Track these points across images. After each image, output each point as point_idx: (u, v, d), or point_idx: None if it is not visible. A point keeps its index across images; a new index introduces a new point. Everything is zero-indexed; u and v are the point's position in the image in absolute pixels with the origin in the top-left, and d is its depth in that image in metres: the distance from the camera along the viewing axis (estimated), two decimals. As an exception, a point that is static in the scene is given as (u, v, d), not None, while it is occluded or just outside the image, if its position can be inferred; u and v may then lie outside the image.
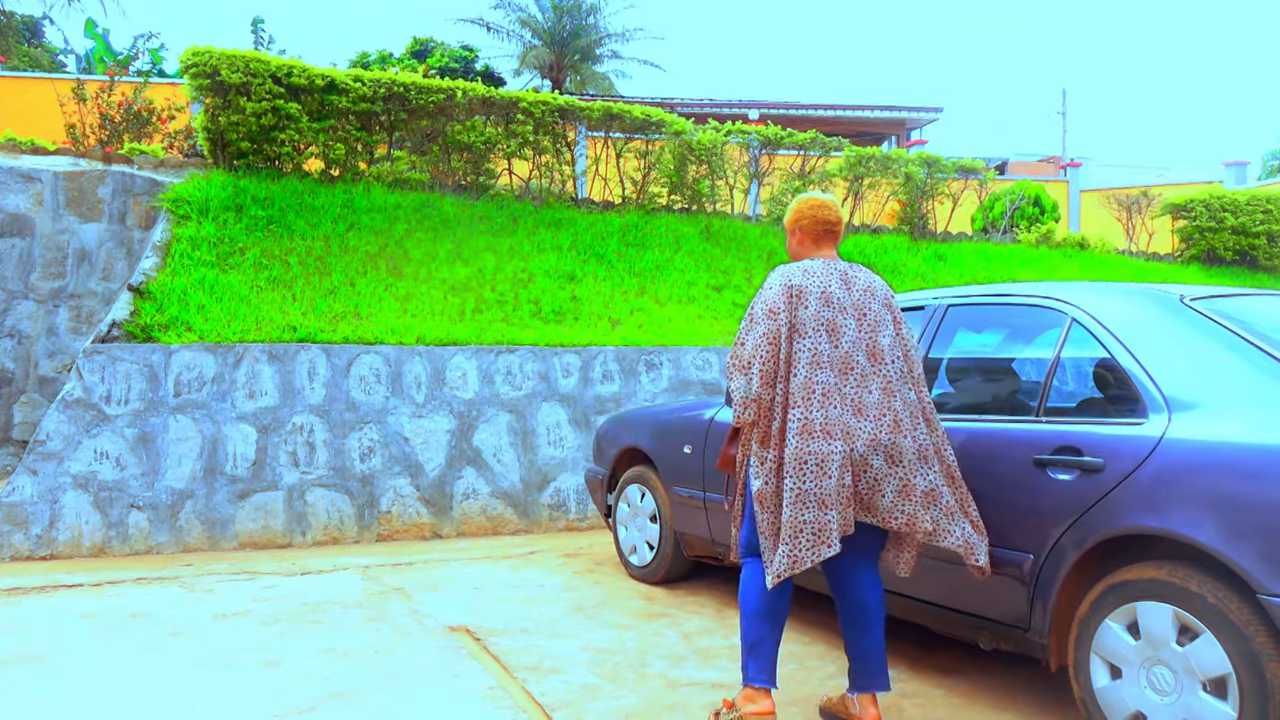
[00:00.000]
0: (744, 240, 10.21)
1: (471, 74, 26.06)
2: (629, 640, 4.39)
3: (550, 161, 10.25)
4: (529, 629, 4.55)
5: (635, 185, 10.66)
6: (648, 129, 10.58)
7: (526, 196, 10.03)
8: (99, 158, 8.74)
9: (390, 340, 6.98)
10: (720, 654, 4.19)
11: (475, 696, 3.68)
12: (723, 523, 4.80)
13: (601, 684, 3.82)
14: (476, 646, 4.30)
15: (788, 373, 3.09)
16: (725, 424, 4.87)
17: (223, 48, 8.76)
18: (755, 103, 20.72)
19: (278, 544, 6.37)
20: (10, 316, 7.71)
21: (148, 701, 3.60)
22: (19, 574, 5.50)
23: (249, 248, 7.74)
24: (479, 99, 9.63)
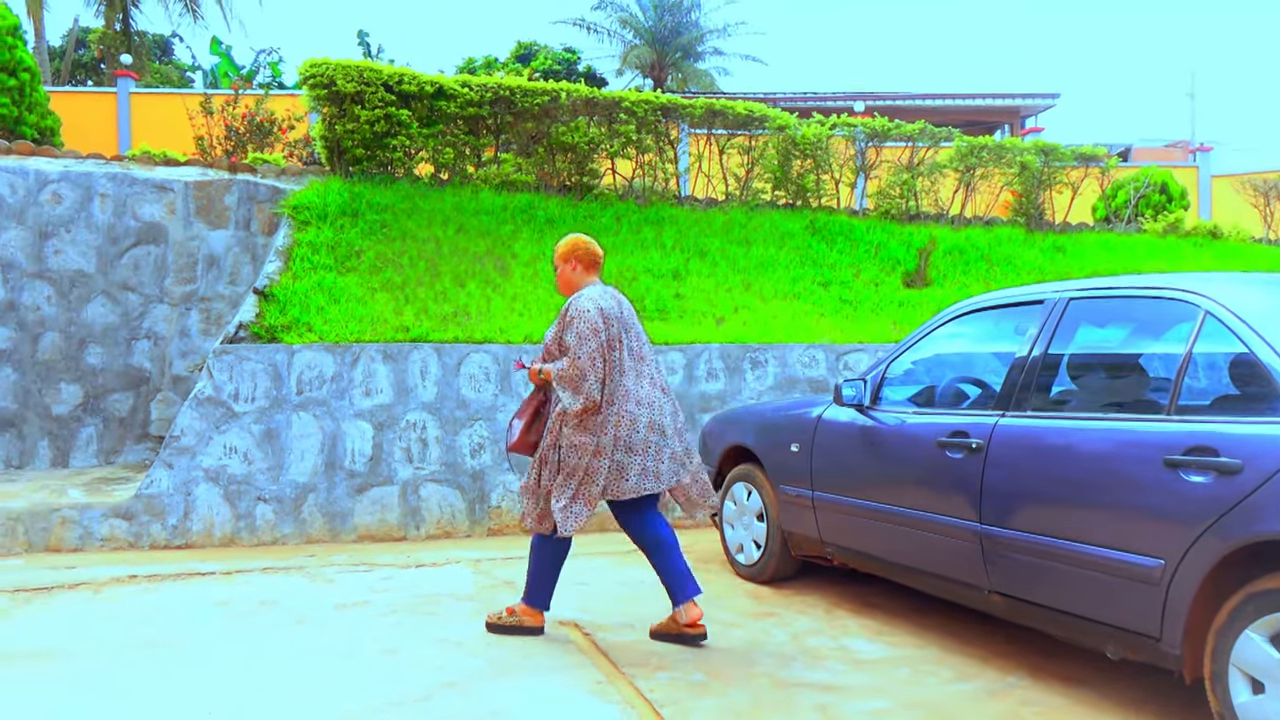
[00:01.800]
0: (851, 235, 10.05)
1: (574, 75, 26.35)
2: (736, 638, 4.37)
3: (653, 160, 10.28)
4: (635, 625, 4.58)
5: (739, 181, 10.61)
6: (750, 125, 10.51)
7: (630, 195, 10.08)
8: (225, 168, 9.15)
9: (498, 339, 7.11)
10: (830, 655, 4.14)
11: (584, 691, 3.72)
12: (833, 522, 4.73)
13: (708, 682, 3.81)
14: (585, 641, 4.34)
15: (610, 375, 4.01)
16: (834, 422, 4.81)
17: (338, 59, 9.07)
18: (860, 94, 20.35)
19: (393, 537, 6.57)
20: (147, 319, 8.15)
21: (276, 685, 3.75)
22: (158, 562, 5.82)
23: (364, 251, 8.00)
24: (582, 100, 9.72)
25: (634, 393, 4.07)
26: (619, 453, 4.03)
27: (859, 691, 3.71)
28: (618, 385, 4.04)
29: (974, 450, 3.84)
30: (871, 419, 4.57)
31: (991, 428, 3.81)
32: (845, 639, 4.36)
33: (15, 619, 4.64)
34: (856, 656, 4.13)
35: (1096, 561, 3.28)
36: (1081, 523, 3.37)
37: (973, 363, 4.52)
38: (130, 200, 8.23)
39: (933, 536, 4.06)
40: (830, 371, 7.64)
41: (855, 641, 4.33)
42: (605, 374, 3.99)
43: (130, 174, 8.38)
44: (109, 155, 8.94)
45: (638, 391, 4.09)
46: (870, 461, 4.52)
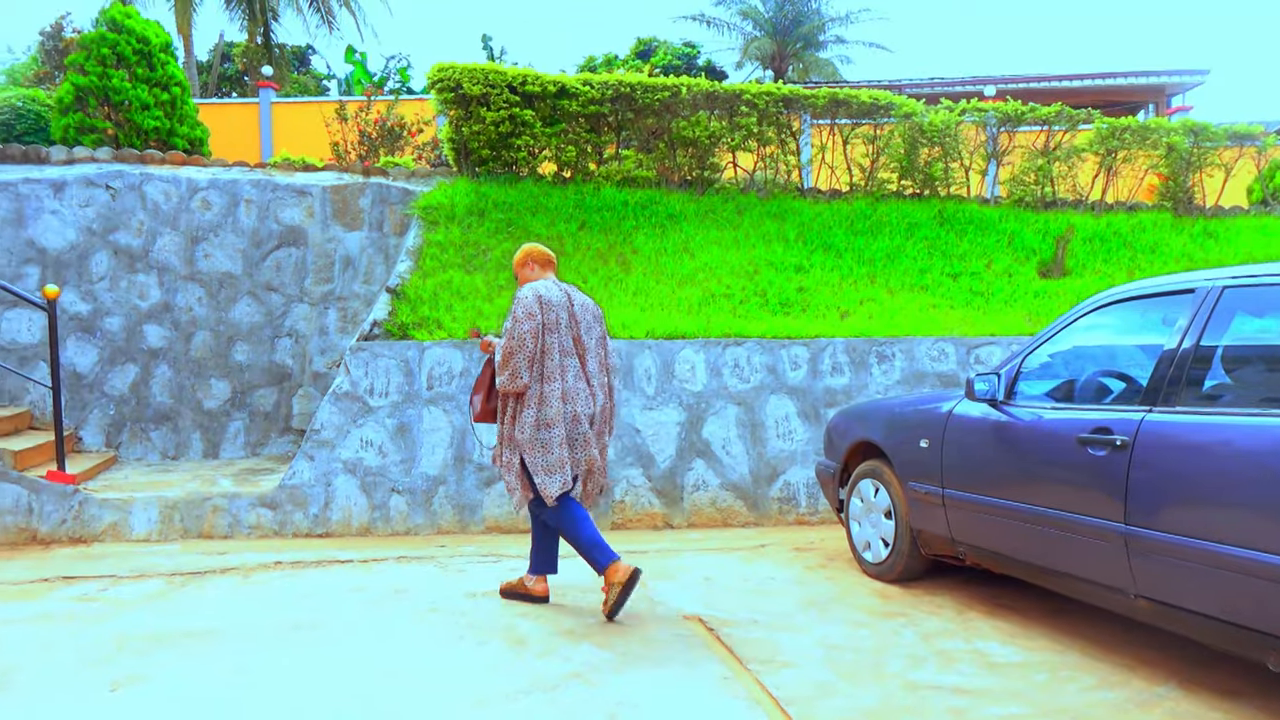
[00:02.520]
0: (981, 224, 9.71)
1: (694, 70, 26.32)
2: (864, 638, 4.29)
3: (775, 152, 10.17)
4: (760, 621, 4.54)
5: (863, 172, 10.39)
6: (875, 113, 10.28)
7: (751, 189, 10.00)
8: (359, 171, 9.51)
9: (621, 334, 7.16)
10: (962, 657, 4.01)
11: (710, 686, 3.71)
12: (965, 520, 4.59)
13: (836, 681, 3.75)
14: (709, 636, 4.34)
15: (543, 356, 4.41)
16: (966, 417, 4.66)
17: (464, 62, 9.30)
18: (990, 78, 19.63)
19: (520, 529, 6.70)
20: (289, 318, 8.55)
21: (409, 670, 3.88)
22: (300, 549, 6.10)
23: (491, 249, 8.18)
24: (703, 94, 9.70)
25: (561, 382, 4.45)
26: (561, 430, 4.42)
27: (994, 696, 3.58)
28: (549, 368, 4.42)
29: (1118, 447, 3.66)
30: (1006, 414, 4.40)
31: (1137, 424, 3.62)
32: (978, 641, 4.23)
33: (174, 601, 4.93)
34: (991, 660, 3.99)
35: (1255, 566, 3.08)
36: (1238, 524, 3.16)
37: (1116, 356, 4.30)
38: (272, 205, 8.65)
39: (1073, 537, 3.89)
40: (960, 366, 7.41)
41: (989, 644, 4.19)
42: (536, 355, 4.39)
43: (272, 180, 8.80)
44: (253, 163, 9.41)
45: (564, 381, 4.47)
46: (1005, 458, 4.36)
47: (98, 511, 6.35)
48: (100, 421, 8.02)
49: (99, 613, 4.71)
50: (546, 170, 9.82)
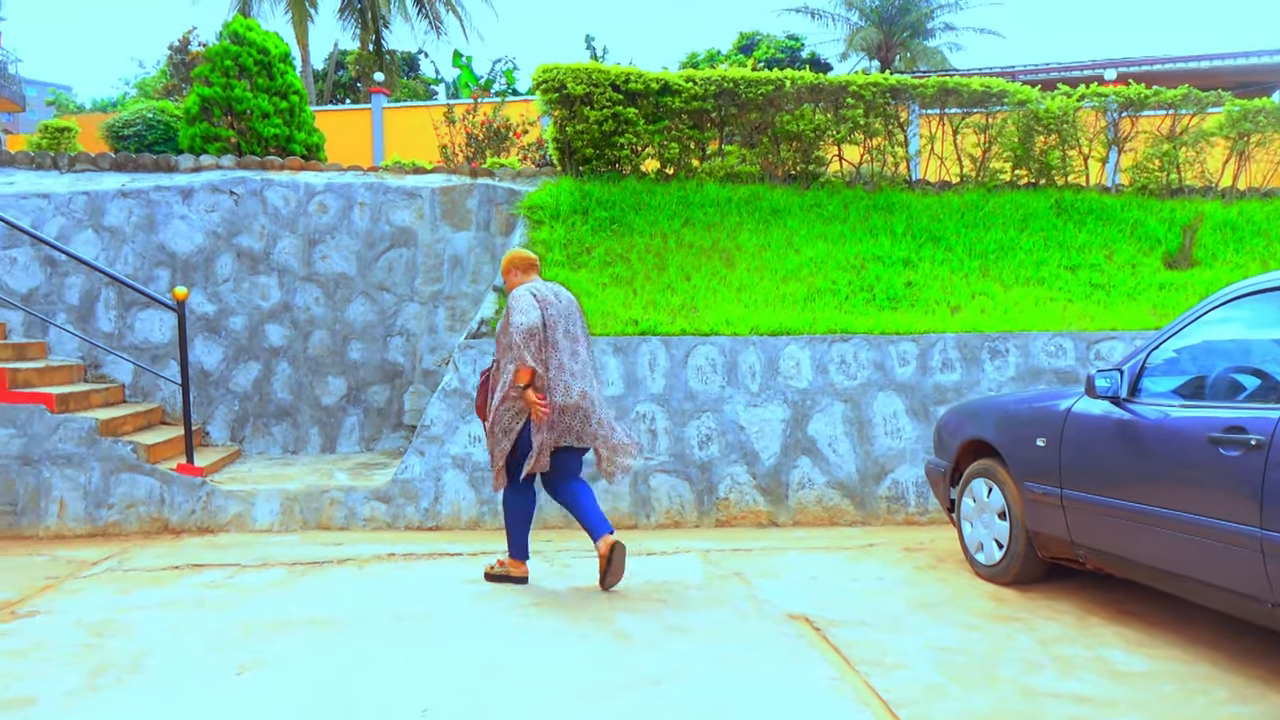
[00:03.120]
0: (1102, 213, 9.32)
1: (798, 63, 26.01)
2: (977, 641, 4.17)
3: (882, 144, 9.96)
4: (869, 622, 4.46)
5: (974, 162, 10.09)
6: (987, 101, 9.96)
7: (858, 182, 9.83)
8: (466, 173, 9.71)
9: (725, 331, 7.12)
10: (1083, 665, 3.86)
11: (816, 686, 3.66)
12: (1085, 522, 4.41)
13: (947, 684, 3.65)
14: (816, 636, 4.28)
15: (547, 347, 4.78)
16: (1086, 415, 4.48)
17: (567, 63, 9.40)
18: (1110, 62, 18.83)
19: (624, 525, 6.74)
20: (400, 317, 8.79)
21: (515, 662, 3.95)
22: (412, 541, 6.26)
23: (595, 247, 8.25)
24: (807, 87, 9.57)
25: (569, 365, 4.85)
26: (562, 414, 4.83)
27: (1118, 706, 3.43)
28: (552, 356, 4.81)
29: (1253, 447, 3.46)
30: (1129, 412, 4.21)
31: (1275, 423, 3.42)
32: (1100, 648, 4.06)
33: (294, 589, 5.13)
34: (1114, 668, 3.83)
35: None
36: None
37: (1251, 351, 4.06)
38: (384, 207, 8.90)
39: (1204, 542, 3.69)
40: (1079, 362, 7.13)
41: (1112, 652, 4.02)
42: (541, 345, 4.76)
43: (384, 183, 9.06)
44: (366, 166, 9.70)
45: (572, 364, 4.87)
46: (1128, 458, 4.17)
47: (224, 503, 6.65)
48: (225, 417, 8.39)
49: (225, 599, 4.92)
50: (649, 168, 9.84)
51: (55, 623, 4.51)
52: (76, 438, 6.59)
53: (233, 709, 3.50)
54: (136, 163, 9.40)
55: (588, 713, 3.44)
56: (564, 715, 3.42)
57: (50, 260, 8.23)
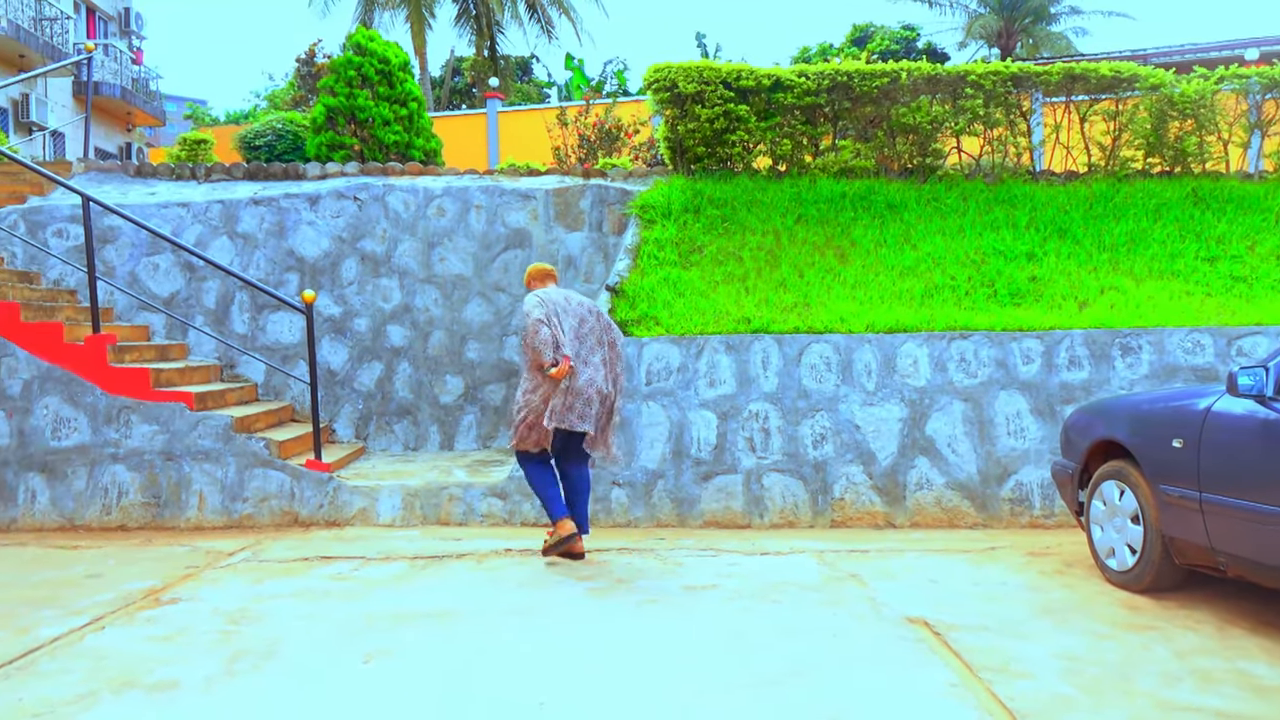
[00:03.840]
0: (1243, 202, 8.80)
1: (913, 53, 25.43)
2: (1108, 651, 3.99)
3: (1003, 135, 9.64)
4: (991, 627, 4.32)
5: (1103, 151, 9.66)
6: (1117, 87, 9.53)
7: (977, 174, 9.54)
8: (579, 174, 9.82)
9: (840, 329, 7.01)
10: (1224, 678, 3.65)
11: (936, 692, 3.57)
12: (1227, 528, 4.17)
13: (1077, 695, 3.51)
14: (935, 640, 4.17)
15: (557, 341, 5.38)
16: (1228, 414, 4.25)
17: (678, 61, 9.41)
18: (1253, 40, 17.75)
19: (737, 524, 6.71)
20: (515, 317, 8.96)
21: (630, 658, 3.97)
22: (528, 538, 6.36)
23: (706, 245, 8.23)
24: (923, 78, 9.34)
25: (580, 354, 5.48)
26: (566, 395, 5.37)
27: (1264, 723, 3.24)
28: (562, 350, 5.39)
29: None
30: (1276, 411, 3.96)
31: None
32: (1242, 661, 3.83)
33: (415, 582, 5.28)
34: (1258, 682, 3.61)
35: None
36: None
37: None
38: (500, 209, 9.08)
39: (1361, 550, 3.45)
40: (1219, 358, 6.75)
41: (1255, 665, 3.79)
42: (550, 340, 5.34)
43: (499, 185, 9.24)
44: (481, 170, 9.92)
45: (579, 352, 5.48)
46: (1275, 460, 3.93)
47: (349, 498, 6.90)
48: (350, 415, 8.71)
49: (351, 590, 5.11)
50: (761, 165, 9.77)
51: (196, 610, 4.76)
52: (214, 434, 6.94)
53: (361, 697, 3.62)
54: (267, 171, 9.85)
55: (705, 711, 3.44)
56: (680, 713, 3.42)
57: (189, 266, 8.69)
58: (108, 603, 4.89)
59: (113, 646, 4.20)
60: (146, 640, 4.28)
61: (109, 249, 8.68)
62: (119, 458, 6.88)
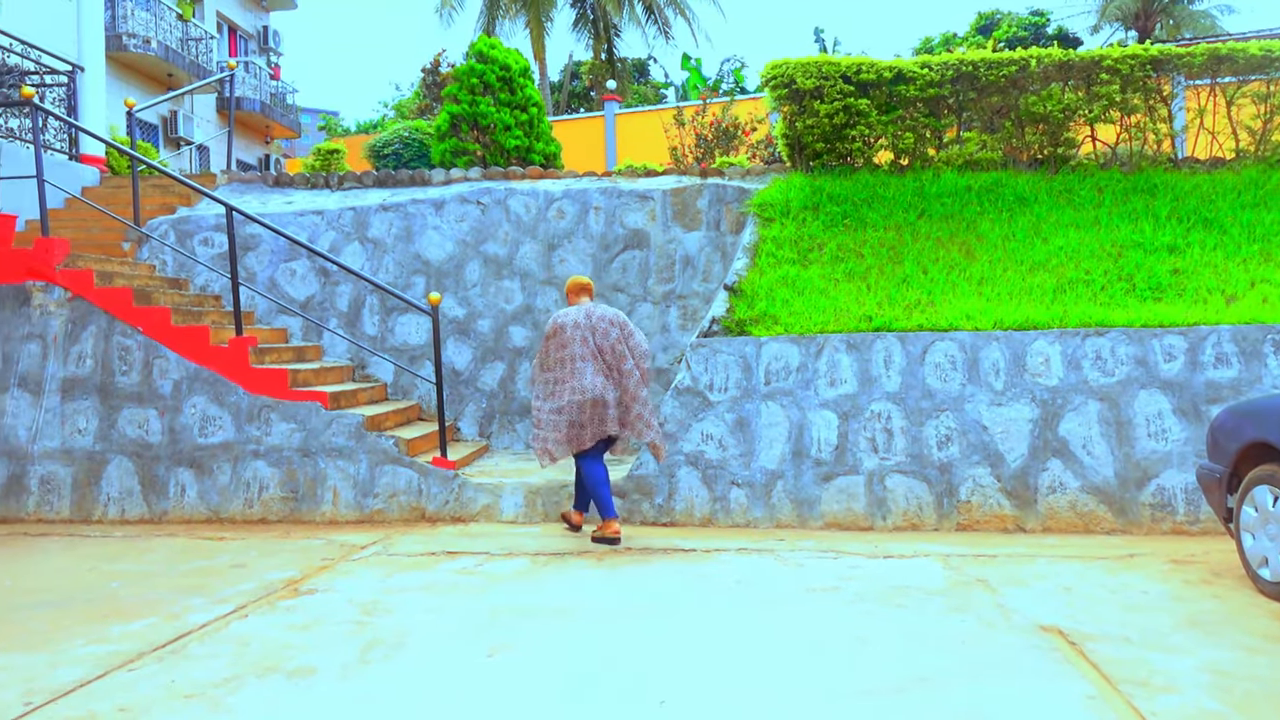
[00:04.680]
0: None
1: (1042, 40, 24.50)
2: (1261, 666, 3.75)
3: (1141, 122, 9.18)
4: (1131, 639, 4.12)
5: (1252, 136, 9.09)
6: (1268, 67, 8.95)
7: (1113, 163, 9.11)
8: (696, 174, 9.82)
9: (965, 326, 6.81)
10: (1396, 699, 3.38)
11: (1073, 704, 3.42)
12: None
13: (1227, 713, 3.31)
14: (1071, 650, 4.00)
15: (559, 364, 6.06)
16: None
17: (796, 58, 9.30)
18: None
19: (859, 526, 6.59)
20: (634, 317, 9.03)
21: (748, 660, 3.94)
22: (647, 536, 6.41)
23: (826, 243, 8.11)
24: (1054, 65, 8.97)
25: (576, 379, 6.00)
26: (571, 427, 6.02)
27: None
28: (567, 371, 6.03)
29: None
30: None
31: None
32: None
33: (537, 579, 5.38)
34: None
35: None
36: None
37: None
38: (618, 210, 9.17)
39: None
40: (1386, 354, 6.27)
41: None
42: (547, 368, 6.13)
43: (617, 187, 9.33)
44: (600, 172, 10.03)
45: (582, 379, 6.00)
46: None
47: (474, 494, 7.08)
48: (474, 414, 8.93)
49: (476, 585, 5.24)
50: (882, 159, 9.57)
51: (331, 601, 4.97)
52: (347, 432, 7.22)
53: (486, 689, 3.71)
54: (395, 179, 10.19)
55: (829, 716, 3.39)
56: (804, 718, 3.38)
57: (324, 271, 9.07)
58: (250, 592, 5.14)
59: (255, 633, 4.42)
60: (286, 628, 4.49)
61: (250, 256, 9.14)
62: (260, 454, 7.24)
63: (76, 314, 7.44)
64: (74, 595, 5.13)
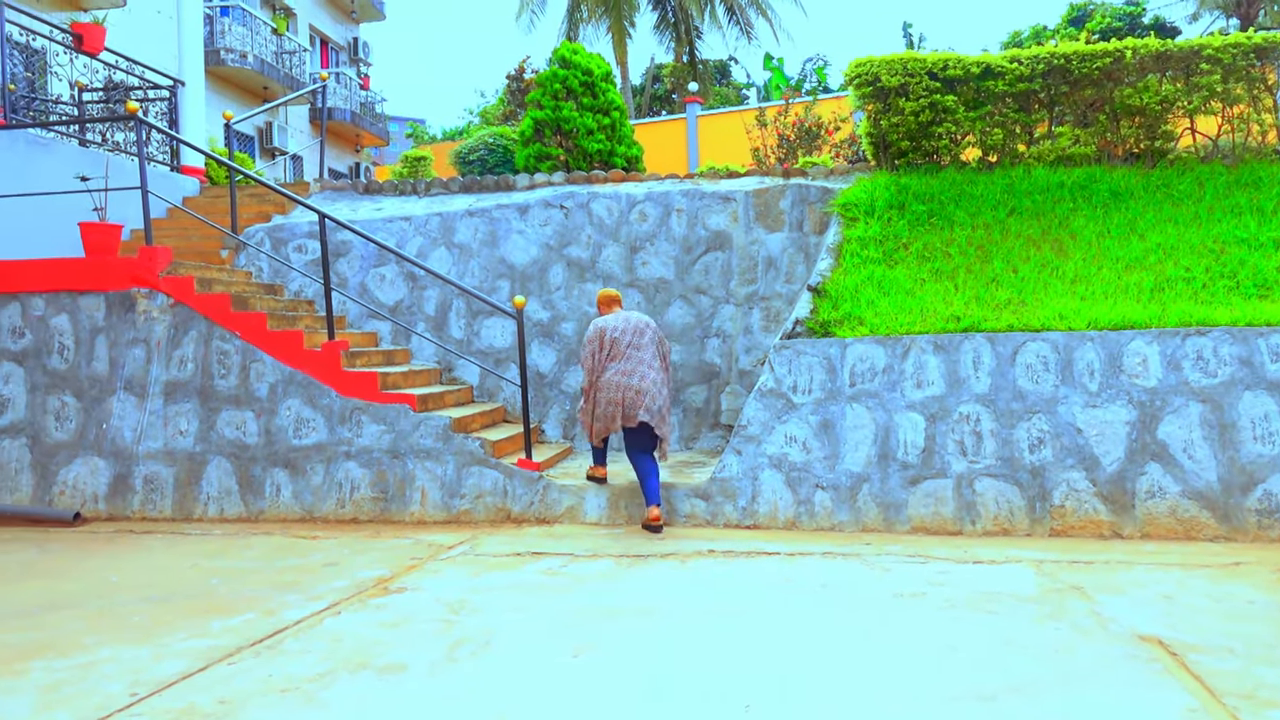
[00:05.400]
0: None
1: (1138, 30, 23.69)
2: (1382, 683, 3.56)
3: (1244, 112, 8.80)
4: (1236, 650, 3.96)
5: (1368, 124, 8.65)
6: (1384, 51, 8.50)
7: (1214, 156, 8.75)
8: (779, 174, 9.76)
9: (1058, 326, 6.62)
10: None
11: (1173, 717, 3.30)
12: None
13: (1344, 731, 3.15)
14: (1171, 661, 3.86)
15: (605, 361, 6.77)
16: None
17: (881, 55, 9.17)
18: None
19: (947, 531, 6.46)
20: (717, 319, 9.01)
21: (834, 665, 3.90)
22: (730, 539, 6.39)
23: (912, 242, 7.98)
24: (1151, 55, 8.67)
25: (617, 371, 6.70)
26: (610, 407, 6.69)
27: None
28: (606, 369, 6.76)
29: None
30: None
31: None
32: None
33: (622, 580, 5.41)
34: None
35: None
36: None
37: None
38: (700, 212, 9.16)
39: None
40: None
41: None
42: (597, 364, 6.80)
43: (699, 189, 9.32)
44: (682, 174, 10.04)
45: (619, 374, 6.69)
46: None
47: (558, 496, 7.15)
48: (558, 416, 9.02)
49: (561, 585, 5.29)
50: (970, 157, 9.37)
51: (419, 599, 5.07)
52: (434, 434, 7.37)
53: (571, 689, 3.75)
54: (480, 184, 10.36)
55: (912, 723, 3.33)
56: (887, 723, 3.34)
57: (412, 276, 9.27)
58: (342, 589, 5.29)
59: (347, 630, 4.54)
60: (377, 625, 4.60)
61: (341, 262, 9.40)
62: (351, 455, 7.44)
63: (178, 319, 7.75)
64: (176, 591, 5.34)
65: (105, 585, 5.48)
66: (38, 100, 10.35)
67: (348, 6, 24.51)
